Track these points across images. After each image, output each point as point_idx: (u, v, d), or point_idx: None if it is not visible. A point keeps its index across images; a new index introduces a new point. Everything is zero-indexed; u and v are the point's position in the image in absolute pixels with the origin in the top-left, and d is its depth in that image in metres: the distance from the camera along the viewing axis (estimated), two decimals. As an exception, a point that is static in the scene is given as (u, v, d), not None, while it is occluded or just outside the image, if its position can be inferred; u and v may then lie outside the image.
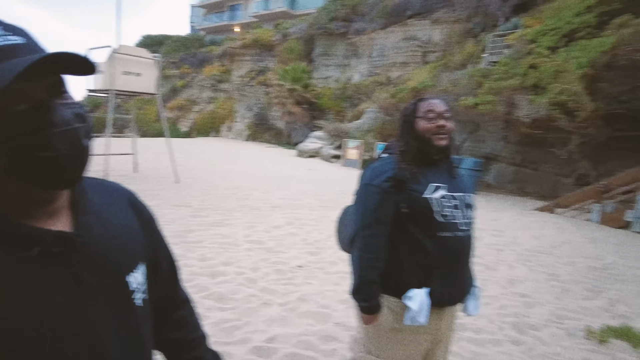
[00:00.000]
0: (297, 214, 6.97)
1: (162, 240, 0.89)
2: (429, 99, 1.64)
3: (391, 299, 1.57)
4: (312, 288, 3.85)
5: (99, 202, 0.73)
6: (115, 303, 0.68)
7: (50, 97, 0.56)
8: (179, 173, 9.80)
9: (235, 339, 2.88)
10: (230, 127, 27.35)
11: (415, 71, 18.20)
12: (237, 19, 35.98)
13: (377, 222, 1.54)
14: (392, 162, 1.60)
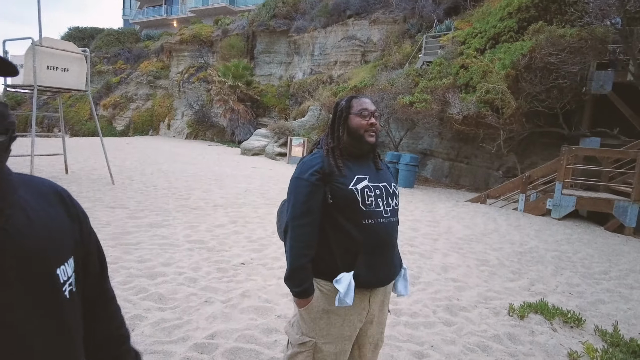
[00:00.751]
0: (240, 213, 6.91)
1: (93, 236, 0.90)
2: (362, 97, 1.76)
3: (323, 282, 1.69)
4: (255, 284, 3.86)
5: (26, 197, 0.74)
6: (39, 294, 0.69)
7: None
8: (115, 174, 9.32)
9: (176, 338, 2.84)
10: (170, 124, 26.34)
11: (356, 70, 18.64)
12: (174, 13, 34.72)
13: (306, 213, 1.64)
14: (320, 156, 1.71)
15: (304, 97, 19.36)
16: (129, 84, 28.25)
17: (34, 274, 0.69)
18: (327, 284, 1.67)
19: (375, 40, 19.40)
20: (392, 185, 1.78)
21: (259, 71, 23.68)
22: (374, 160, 1.80)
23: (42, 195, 0.79)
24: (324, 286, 1.68)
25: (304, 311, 1.70)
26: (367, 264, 1.65)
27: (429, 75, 12.64)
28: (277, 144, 17.28)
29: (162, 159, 14.66)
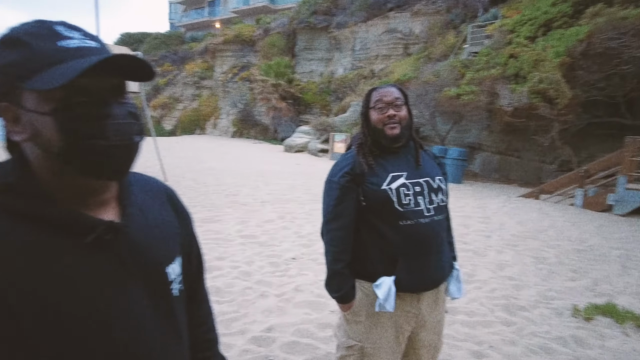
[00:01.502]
0: (287, 208, 7.01)
1: (195, 237, 0.93)
2: (380, 88, 1.63)
3: (365, 283, 1.59)
4: (307, 279, 3.90)
5: (141, 196, 0.78)
6: (154, 290, 0.72)
7: (110, 96, 0.62)
8: (166, 171, 9.72)
9: (234, 330, 2.92)
10: (215, 124, 27.12)
11: (398, 63, 18.33)
12: (217, 14, 35.57)
13: (339, 216, 1.57)
14: (351, 156, 1.62)
15: (345, 93, 19.30)
16: (175, 85, 29.35)
17: (149, 270, 0.72)
18: (369, 285, 1.58)
19: (418, 32, 18.97)
20: (436, 179, 1.62)
21: (300, 68, 23.83)
22: (415, 152, 1.65)
23: (154, 195, 0.83)
24: (367, 288, 1.58)
25: (348, 314, 1.62)
26: (408, 268, 1.53)
27: (475, 66, 12.21)
28: (319, 140, 17.35)
29: (210, 157, 15.14)
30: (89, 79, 0.58)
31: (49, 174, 0.63)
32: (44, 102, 0.58)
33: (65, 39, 0.60)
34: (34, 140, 0.60)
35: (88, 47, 0.61)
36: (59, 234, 0.62)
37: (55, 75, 0.56)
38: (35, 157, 0.62)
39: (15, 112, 0.60)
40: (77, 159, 0.61)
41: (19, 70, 0.58)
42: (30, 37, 0.59)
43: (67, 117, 0.59)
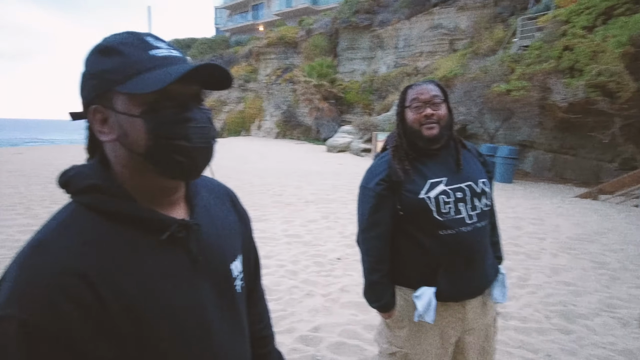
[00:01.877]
0: (330, 208, 7.02)
1: (253, 237, 0.97)
2: (417, 85, 1.52)
3: (406, 290, 1.52)
4: (352, 279, 3.89)
5: (207, 197, 0.83)
6: (221, 287, 0.76)
7: (192, 102, 0.67)
8: (215, 172, 10.04)
9: (282, 329, 2.96)
10: (260, 125, 27.69)
11: (443, 60, 17.85)
12: (260, 18, 36.28)
13: (374, 225, 1.50)
14: (386, 161, 1.53)
15: (388, 91, 19.05)
16: (221, 88, 30.18)
17: (216, 267, 0.76)
18: (410, 292, 1.50)
19: (464, 27, 18.39)
20: (479, 182, 1.50)
21: (342, 68, 23.81)
22: (455, 153, 1.52)
23: (218, 196, 0.88)
24: (408, 295, 1.50)
25: (390, 322, 1.56)
26: (450, 279, 1.45)
27: (526, 60, 11.65)
28: (361, 140, 17.25)
29: (255, 157, 15.48)
30: (175, 86, 0.62)
31: (130, 174, 0.67)
32: (135, 105, 0.63)
33: (154, 49, 0.65)
34: (122, 140, 0.65)
35: (174, 56, 0.66)
36: (138, 232, 0.66)
37: (150, 80, 0.61)
38: (119, 158, 0.67)
39: (105, 114, 0.65)
40: (161, 158, 0.65)
41: (114, 75, 0.63)
42: (124, 47, 0.64)
43: (155, 119, 0.63)
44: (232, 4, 38.76)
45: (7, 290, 0.56)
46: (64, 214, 0.65)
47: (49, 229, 0.62)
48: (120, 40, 0.65)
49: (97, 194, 0.65)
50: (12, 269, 0.58)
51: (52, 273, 0.57)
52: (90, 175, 0.66)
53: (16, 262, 0.59)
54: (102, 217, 0.64)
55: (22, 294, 0.55)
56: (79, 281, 0.57)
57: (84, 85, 0.66)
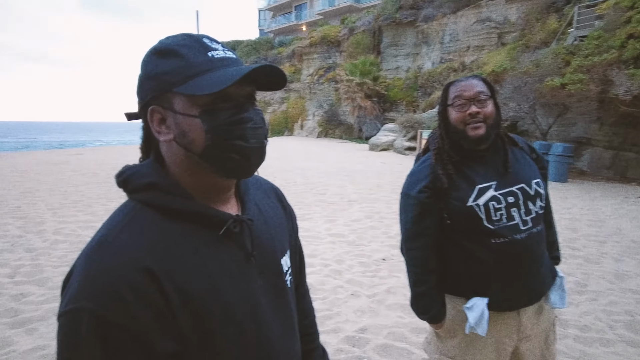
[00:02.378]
0: (374, 208, 6.95)
1: (297, 233, 0.98)
2: (460, 81, 1.40)
3: (456, 299, 1.44)
4: (398, 281, 3.82)
5: (255, 193, 0.85)
6: (273, 281, 0.77)
7: (247, 102, 0.69)
8: (260, 171, 10.24)
9: (328, 328, 2.96)
10: (302, 125, 27.95)
11: (491, 54, 17.19)
12: (303, 18, 36.57)
13: (419, 235, 1.42)
14: (429, 166, 1.42)
15: (434, 88, 18.59)
16: (265, 88, 30.74)
17: (268, 262, 0.77)
18: (461, 301, 1.41)
19: (514, 19, 17.58)
20: (532, 183, 1.38)
21: (385, 65, 23.52)
22: (504, 153, 1.40)
23: (265, 192, 0.90)
24: (459, 304, 1.42)
25: (441, 332, 1.49)
26: (504, 288, 1.36)
27: (583, 51, 10.94)
28: (405, 138, 16.96)
29: (298, 157, 15.63)
30: (232, 87, 0.63)
31: (185, 172, 0.69)
32: (193, 106, 0.64)
33: (211, 50, 0.66)
34: (179, 140, 0.66)
35: (230, 58, 0.68)
36: (196, 228, 0.67)
37: (209, 82, 0.62)
38: (174, 157, 0.68)
39: (163, 115, 0.67)
40: (217, 158, 0.66)
41: (173, 77, 0.64)
42: (183, 48, 0.65)
43: (213, 120, 0.64)
44: (275, 5, 39.32)
45: (77, 284, 0.58)
46: (124, 211, 0.66)
47: (112, 226, 0.64)
48: (177, 42, 0.66)
49: (155, 191, 0.66)
50: (80, 264, 0.60)
51: (120, 268, 0.58)
52: (147, 174, 0.68)
53: (83, 257, 0.61)
54: (160, 214, 0.66)
55: (92, 288, 0.57)
56: (145, 276, 0.59)
57: (141, 87, 0.68)
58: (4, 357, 2.58)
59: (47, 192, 8.29)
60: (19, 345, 2.72)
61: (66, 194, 8.01)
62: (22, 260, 4.25)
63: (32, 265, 4.13)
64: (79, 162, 14.44)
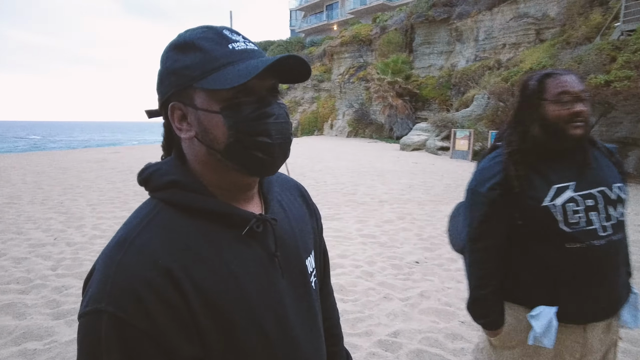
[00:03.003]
0: (406, 209, 6.82)
1: (322, 233, 0.94)
2: (560, 74, 1.28)
3: (517, 308, 1.35)
4: (432, 285, 3.71)
5: (279, 191, 0.82)
6: (297, 282, 0.74)
7: (270, 96, 0.65)
8: (290, 170, 10.28)
9: (360, 331, 2.90)
10: (332, 124, 27.91)
11: (529, 51, 16.58)
12: (334, 17, 36.51)
13: (486, 236, 1.33)
14: (501, 162, 1.31)
15: (468, 86, 18.12)
16: (296, 89, 30.96)
17: (292, 263, 0.74)
18: (523, 310, 1.33)
19: (553, 14, 16.89)
20: (614, 187, 1.28)
21: (418, 64, 23.15)
22: (584, 154, 1.30)
23: (289, 191, 0.86)
24: (520, 313, 1.34)
25: (496, 341, 1.41)
26: (575, 298, 1.26)
27: (631, 46, 10.37)
28: (438, 137, 16.61)
29: (328, 156, 15.61)
30: (254, 80, 0.60)
31: (207, 170, 0.66)
32: (215, 101, 0.62)
33: (232, 42, 0.63)
34: (200, 137, 0.63)
35: (252, 50, 0.64)
36: (218, 227, 0.65)
37: (230, 75, 0.59)
38: (196, 154, 0.66)
39: (184, 111, 0.64)
40: (240, 155, 0.63)
41: (193, 71, 0.61)
42: (203, 41, 0.62)
43: (235, 115, 0.62)
44: (306, 5, 39.46)
45: (96, 285, 0.57)
46: (145, 210, 0.65)
47: (133, 225, 0.62)
48: (197, 35, 0.64)
49: (177, 189, 0.64)
50: (100, 265, 0.59)
51: (139, 269, 0.56)
52: (169, 172, 0.66)
53: (103, 257, 0.60)
54: (182, 212, 0.64)
55: (111, 289, 0.55)
56: (164, 278, 0.57)
57: (161, 82, 0.66)
58: (46, 347, 2.67)
59: (86, 188, 8.63)
60: (60, 336, 2.81)
61: (104, 191, 8.30)
62: (64, 254, 4.42)
63: (73, 258, 4.28)
64: (117, 159, 14.97)
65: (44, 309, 3.19)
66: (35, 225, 5.61)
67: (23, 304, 3.26)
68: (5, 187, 8.69)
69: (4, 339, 2.78)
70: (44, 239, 4.98)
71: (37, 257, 4.32)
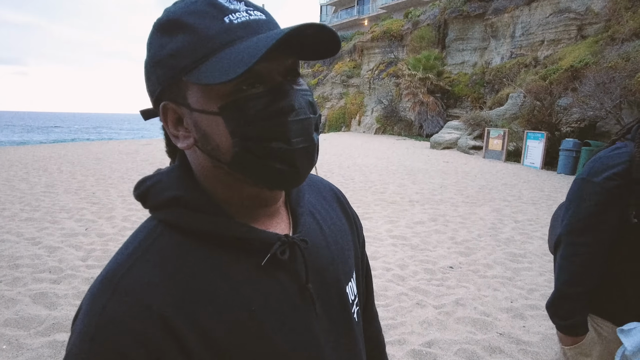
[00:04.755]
0: (439, 210, 6.59)
1: (364, 246, 0.79)
2: None
3: (603, 323, 1.24)
4: (468, 292, 3.52)
5: (312, 200, 0.66)
6: (336, 316, 0.60)
7: (286, 82, 0.49)
8: (317, 167, 10.17)
9: (392, 339, 2.77)
10: (360, 121, 27.65)
11: (568, 48, 15.83)
12: (365, 12, 36.07)
13: (590, 229, 1.20)
14: (628, 152, 1.17)
15: (502, 84, 17.51)
16: (325, 84, 30.82)
17: (329, 293, 0.59)
18: (609, 326, 1.22)
19: (597, 9, 16.03)
20: None
21: (450, 60, 22.56)
22: None
23: (323, 197, 0.70)
24: (604, 329, 1.23)
25: (571, 352, 1.28)
26: None
27: (685, 43, 9.72)
28: (471, 136, 16.14)
29: (356, 153, 15.42)
30: (263, 63, 0.45)
31: (217, 184, 0.53)
32: (212, 98, 0.47)
33: (230, 13, 0.47)
34: (201, 146, 0.50)
35: (256, 20, 0.48)
36: (232, 255, 0.51)
37: (227, 61, 0.43)
38: (201, 166, 0.52)
39: (178, 112, 0.50)
40: (252, 168, 0.49)
41: (182, 60, 0.46)
42: (192, 17, 0.47)
43: (239, 116, 0.47)
44: (337, 0, 39.16)
45: (79, 332, 0.45)
46: (142, 234, 0.51)
47: (123, 257, 0.49)
48: (184, 9, 0.48)
49: (180, 208, 0.51)
50: (83, 308, 0.47)
51: (123, 318, 0.44)
52: (170, 186, 0.52)
53: (89, 296, 0.47)
54: (186, 238, 0.50)
55: (91, 343, 0.43)
56: (159, 328, 0.44)
57: (148, 77, 0.51)
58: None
59: (118, 179, 8.79)
60: (88, 330, 2.80)
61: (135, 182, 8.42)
62: (94, 245, 4.46)
63: (102, 250, 4.31)
64: (148, 151, 15.27)
65: (74, 300, 3.20)
66: (69, 214, 5.72)
67: (54, 294, 3.28)
68: (43, 177, 8.96)
69: (35, 329, 2.79)
70: (76, 228, 5.06)
71: (69, 247, 4.38)
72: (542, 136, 12.15)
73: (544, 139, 12.04)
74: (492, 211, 6.51)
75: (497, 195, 7.79)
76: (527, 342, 2.77)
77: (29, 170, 9.76)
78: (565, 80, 12.98)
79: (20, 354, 2.52)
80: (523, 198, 7.60)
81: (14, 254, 4.10)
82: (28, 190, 7.38)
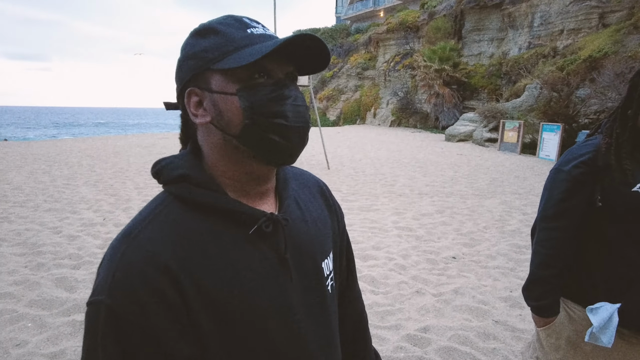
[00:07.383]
0: (447, 202, 6.63)
1: (346, 233, 0.91)
2: None
3: (574, 306, 1.31)
4: (468, 281, 3.60)
5: (297, 189, 0.79)
6: (310, 287, 0.71)
7: (287, 79, 0.65)
8: (329, 160, 10.28)
9: (389, 324, 2.88)
10: (375, 113, 27.55)
11: (589, 37, 15.44)
12: (381, 4, 35.73)
13: (561, 215, 1.28)
14: (594, 144, 1.26)
15: (520, 75, 17.22)
16: (340, 77, 30.76)
17: (306, 266, 0.71)
18: (579, 309, 1.29)
19: (621, -4, 15.57)
20: None
21: (467, 51, 22.26)
22: None
23: (308, 188, 0.83)
24: (575, 311, 1.31)
25: (543, 334, 1.38)
26: None
27: None
28: (486, 128, 15.97)
29: (369, 146, 15.45)
30: (270, 62, 0.61)
31: (221, 159, 0.66)
32: (231, 82, 0.62)
33: (251, 27, 0.65)
34: (216, 122, 0.63)
35: (270, 34, 0.65)
36: (226, 224, 0.64)
37: (245, 55, 0.60)
38: (211, 141, 0.65)
39: (201, 96, 0.64)
40: (256, 139, 0.63)
41: (212, 53, 0.62)
42: (222, 26, 0.64)
43: (251, 97, 0.61)
44: (353, -8, 38.89)
45: (100, 276, 0.58)
46: (154, 203, 0.65)
47: (139, 219, 0.63)
48: (218, 21, 0.66)
49: (186, 184, 0.64)
50: (106, 256, 0.60)
51: (138, 265, 0.57)
52: (180, 166, 0.66)
53: (110, 248, 0.61)
54: (190, 208, 0.63)
55: (111, 282, 0.56)
56: (162, 274, 0.57)
57: (180, 69, 0.66)
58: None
59: (135, 172, 9.08)
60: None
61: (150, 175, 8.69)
62: (111, 234, 4.69)
63: (120, 239, 4.54)
64: (165, 144, 15.62)
65: (92, 284, 3.41)
66: (87, 205, 5.99)
67: (74, 278, 3.50)
68: (64, 169, 9.33)
69: (57, 309, 3.01)
70: (95, 219, 5.31)
71: (88, 236, 4.62)
72: (557, 128, 11.97)
73: (559, 130, 11.85)
74: (500, 203, 6.52)
75: (508, 189, 7.77)
76: (522, 329, 2.85)
77: (52, 164, 10.16)
78: (583, 71, 12.73)
79: (44, 331, 2.73)
80: (534, 191, 7.56)
81: (38, 242, 4.36)
82: (50, 182, 7.72)
